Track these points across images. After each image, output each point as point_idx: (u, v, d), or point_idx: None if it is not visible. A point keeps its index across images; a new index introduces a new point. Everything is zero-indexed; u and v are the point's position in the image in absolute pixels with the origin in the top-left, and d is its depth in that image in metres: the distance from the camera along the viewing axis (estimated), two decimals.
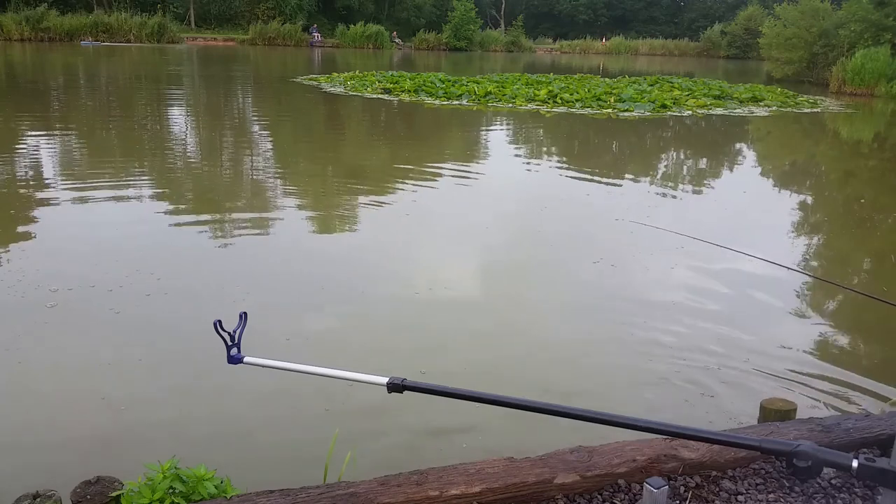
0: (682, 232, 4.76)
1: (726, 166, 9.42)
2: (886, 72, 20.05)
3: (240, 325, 1.74)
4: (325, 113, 13.26)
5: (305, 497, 1.76)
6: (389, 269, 4.61)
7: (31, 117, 10.75)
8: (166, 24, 35.90)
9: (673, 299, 4.15)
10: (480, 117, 13.08)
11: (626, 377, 3.27)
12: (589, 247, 5.21)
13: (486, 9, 53.98)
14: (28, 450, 2.54)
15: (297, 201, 6.38)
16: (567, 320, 3.95)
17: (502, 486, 1.84)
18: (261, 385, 2.93)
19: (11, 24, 30.64)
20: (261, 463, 2.50)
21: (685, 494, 1.91)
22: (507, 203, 6.53)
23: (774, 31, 26.20)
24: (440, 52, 41.03)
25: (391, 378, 1.63)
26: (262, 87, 17.75)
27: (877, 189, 8.49)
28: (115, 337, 3.39)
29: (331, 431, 2.37)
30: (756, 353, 3.53)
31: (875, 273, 5.11)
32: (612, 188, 7.41)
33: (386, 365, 3.11)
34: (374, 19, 43.46)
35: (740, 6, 51.59)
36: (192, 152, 8.64)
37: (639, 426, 1.58)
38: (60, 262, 4.37)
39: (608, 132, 12.11)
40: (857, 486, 1.94)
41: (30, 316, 3.55)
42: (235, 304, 3.74)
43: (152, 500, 1.76)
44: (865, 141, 12.96)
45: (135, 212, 5.62)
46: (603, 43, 50.28)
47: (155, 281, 4.04)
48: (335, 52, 35.57)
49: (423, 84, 16.04)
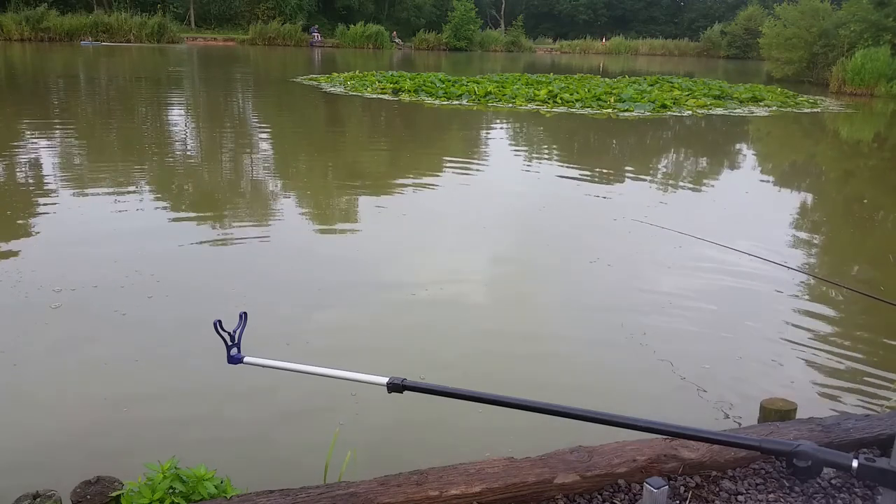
0: (682, 231, 4.76)
1: (726, 166, 9.42)
2: (886, 72, 20.07)
3: (240, 326, 1.74)
4: (325, 113, 13.26)
5: (305, 497, 1.76)
6: (389, 269, 4.61)
7: (31, 118, 10.75)
8: (166, 24, 35.96)
9: (672, 298, 4.15)
10: (480, 117, 13.08)
11: (626, 377, 3.27)
12: (587, 246, 5.21)
13: (486, 9, 54.00)
14: (28, 450, 2.54)
15: (297, 201, 6.38)
16: (566, 320, 3.95)
17: (502, 486, 1.84)
18: (261, 385, 2.93)
19: (11, 24, 30.69)
20: (261, 463, 2.50)
21: (685, 494, 1.91)
22: (507, 203, 6.53)
23: (774, 31, 26.22)
24: (440, 52, 41.04)
25: (391, 378, 1.63)
26: (262, 88, 17.74)
27: (877, 189, 8.49)
28: (114, 337, 3.39)
29: (331, 431, 2.37)
30: (756, 352, 3.53)
31: (875, 273, 5.10)
32: (612, 188, 7.41)
33: (386, 365, 3.11)
34: (374, 19, 43.49)
35: (740, 6, 51.64)
36: (192, 153, 8.64)
37: (639, 426, 1.58)
38: (60, 263, 4.37)
39: (608, 132, 12.11)
40: (857, 486, 1.94)
41: (30, 316, 3.55)
42: (236, 305, 3.74)
43: (152, 500, 1.76)
44: (865, 141, 12.96)
45: (135, 212, 5.62)
46: (603, 43, 50.31)
47: (155, 282, 4.05)
48: (335, 52, 35.58)
49: (423, 84, 16.05)
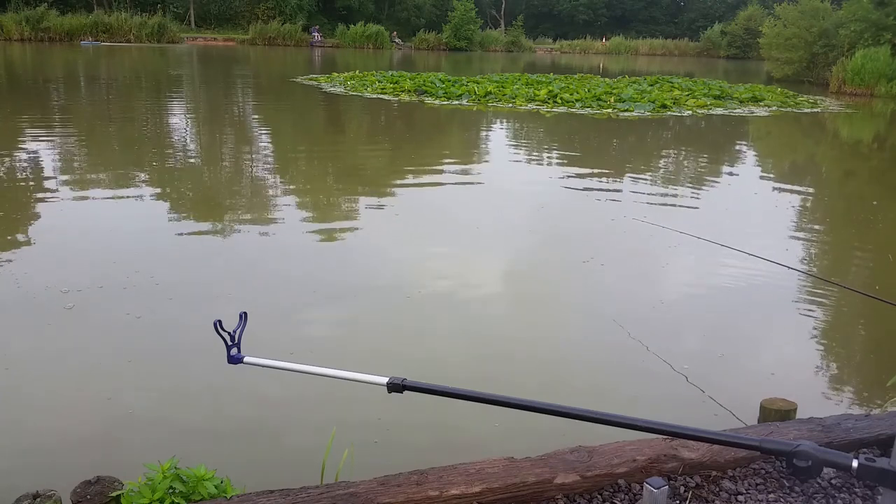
0: (682, 230, 4.75)
1: (727, 166, 9.42)
2: (886, 72, 20.07)
3: (240, 325, 1.73)
4: (325, 113, 13.26)
5: (305, 497, 1.76)
6: (389, 268, 4.60)
7: (31, 118, 10.75)
8: (166, 24, 35.94)
9: (672, 298, 4.15)
10: (480, 117, 13.08)
11: (626, 377, 3.27)
12: (586, 246, 5.21)
13: (486, 9, 53.96)
14: (28, 450, 2.54)
15: (297, 202, 6.38)
16: (564, 319, 3.95)
17: (502, 486, 1.84)
18: (261, 385, 2.93)
19: (11, 24, 30.68)
20: (261, 463, 2.50)
21: (685, 494, 1.91)
22: (507, 203, 6.53)
23: (774, 31, 26.21)
24: (440, 52, 41.02)
25: (391, 378, 1.62)
26: (262, 88, 17.74)
27: (876, 189, 8.49)
28: (114, 338, 3.39)
29: (331, 432, 2.37)
30: (756, 352, 3.53)
31: (875, 272, 5.10)
32: (612, 188, 7.40)
33: (386, 365, 3.10)
34: (374, 19, 43.46)
35: (740, 6, 51.59)
36: (192, 153, 8.64)
37: (639, 426, 1.58)
38: (60, 264, 4.37)
39: (608, 132, 12.11)
40: (857, 486, 1.94)
41: (30, 317, 3.55)
42: (235, 305, 3.74)
43: (152, 500, 1.76)
44: (865, 141, 12.96)
45: (135, 213, 5.62)
46: (603, 43, 50.29)
47: (155, 282, 4.05)
48: (335, 52, 35.57)
49: (423, 84, 16.05)
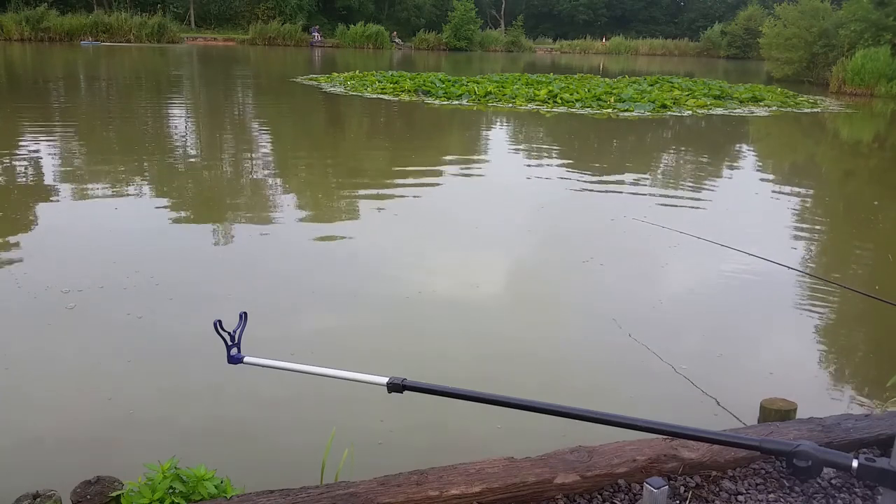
0: (681, 230, 4.75)
1: (727, 166, 9.42)
2: (886, 72, 20.07)
3: (240, 325, 1.73)
4: (325, 113, 13.25)
5: (305, 497, 1.76)
6: (388, 268, 4.60)
7: (31, 118, 10.74)
8: (166, 24, 35.92)
9: (672, 298, 4.15)
10: (480, 117, 13.08)
11: (626, 377, 3.27)
12: (586, 246, 5.21)
13: (486, 9, 53.93)
14: (28, 450, 2.54)
15: (297, 202, 6.38)
16: (564, 319, 3.95)
17: (502, 486, 1.84)
18: (261, 385, 2.93)
19: (11, 24, 30.66)
20: (261, 463, 2.50)
21: (685, 494, 1.91)
22: (507, 202, 6.53)
23: (774, 31, 26.20)
24: (440, 52, 41.01)
25: (391, 378, 1.62)
26: (262, 88, 17.74)
27: (876, 188, 8.49)
28: (114, 338, 3.39)
29: (331, 432, 2.37)
30: (756, 352, 3.53)
31: (875, 272, 5.10)
32: (612, 188, 7.40)
33: (385, 365, 3.10)
34: (374, 19, 43.43)
35: (740, 6, 51.57)
36: (191, 153, 8.64)
37: (639, 426, 1.58)
38: (60, 264, 4.37)
39: (608, 132, 12.11)
40: (857, 486, 1.94)
41: (30, 317, 3.55)
42: (235, 305, 3.74)
43: (152, 500, 1.76)
44: (865, 141, 12.96)
45: (135, 213, 5.62)
46: (603, 43, 50.27)
47: (155, 283, 4.05)
48: (335, 52, 35.56)
49: (423, 84, 16.05)
